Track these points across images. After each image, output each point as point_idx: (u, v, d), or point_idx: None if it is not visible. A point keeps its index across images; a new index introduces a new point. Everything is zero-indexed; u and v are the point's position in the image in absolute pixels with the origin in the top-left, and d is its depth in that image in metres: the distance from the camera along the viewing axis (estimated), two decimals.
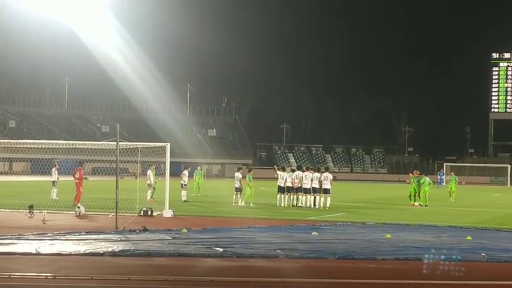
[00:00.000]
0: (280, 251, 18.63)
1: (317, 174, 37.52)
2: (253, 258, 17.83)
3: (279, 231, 23.89)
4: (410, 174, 43.18)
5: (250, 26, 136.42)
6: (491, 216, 35.24)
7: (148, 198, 38.53)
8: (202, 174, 47.47)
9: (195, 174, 46.21)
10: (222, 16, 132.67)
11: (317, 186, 36.91)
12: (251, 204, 36.95)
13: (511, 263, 17.94)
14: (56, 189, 39.62)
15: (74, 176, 34.93)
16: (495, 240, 22.30)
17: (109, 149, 30.98)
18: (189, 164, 49.26)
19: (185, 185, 41.30)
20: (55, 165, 41.23)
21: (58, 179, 40.16)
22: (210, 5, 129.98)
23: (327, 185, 36.82)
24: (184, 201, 39.69)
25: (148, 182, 40.06)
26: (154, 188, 39.69)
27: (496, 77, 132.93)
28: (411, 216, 33.12)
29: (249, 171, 40.22)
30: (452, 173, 54.46)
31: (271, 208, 36.10)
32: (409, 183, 42.33)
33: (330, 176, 37.60)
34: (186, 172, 42.44)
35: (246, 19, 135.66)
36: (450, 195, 49.98)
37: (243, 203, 37.24)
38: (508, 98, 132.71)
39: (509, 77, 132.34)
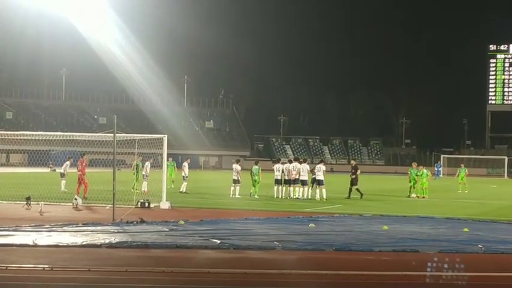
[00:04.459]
0: (277, 243, 18.64)
1: (306, 166, 37.72)
2: (250, 250, 17.84)
3: (276, 223, 23.91)
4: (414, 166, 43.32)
5: (248, 17, 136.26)
6: (489, 208, 35.26)
7: (144, 189, 38.52)
8: (174, 165, 46.85)
9: (167, 165, 45.10)
10: (219, 8, 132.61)
11: (306, 178, 37.15)
12: (256, 196, 37.27)
13: (508, 254, 17.97)
14: (64, 181, 39.70)
15: (77, 168, 34.93)
16: (492, 232, 22.32)
17: (106, 141, 31.01)
18: (188, 156, 49.26)
19: (186, 176, 41.28)
20: (69, 159, 41.18)
21: (65, 171, 40.34)
22: None
23: (320, 176, 36.96)
24: (183, 192, 39.70)
25: (143, 172, 39.98)
26: (137, 179, 39.44)
27: (493, 69, 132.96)
28: (408, 208, 33.14)
29: (256, 163, 40.27)
30: (462, 165, 54.29)
31: (269, 200, 36.12)
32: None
33: (323, 167, 37.74)
34: (186, 164, 42.42)
35: (244, 11, 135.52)
36: (460, 188, 50.03)
37: (237, 195, 37.21)
38: (505, 89, 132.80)
39: (506, 68, 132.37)
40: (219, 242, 18.62)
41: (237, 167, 38.30)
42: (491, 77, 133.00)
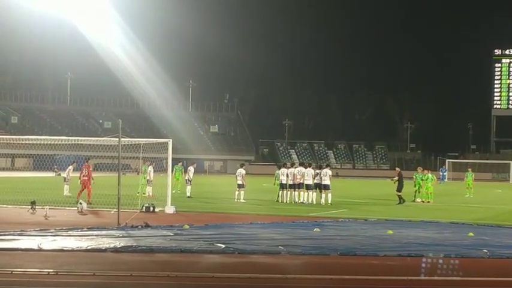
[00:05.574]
0: (282, 247, 18.62)
1: (311, 171, 37.74)
2: (255, 254, 17.83)
3: (281, 228, 23.90)
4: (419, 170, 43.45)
5: (253, 22, 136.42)
6: (494, 212, 35.21)
7: (149, 194, 38.49)
8: (182, 170, 46.82)
9: (174, 170, 45.00)
10: (224, 12, 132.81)
11: (310, 182, 37.11)
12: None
13: None
14: (67, 186, 39.76)
15: (81, 174, 34.95)
16: (497, 237, 22.27)
17: (111, 145, 31.01)
18: (193, 160, 49.25)
19: (190, 180, 41.23)
20: (73, 163, 41.26)
21: (69, 176, 40.45)
22: (213, 1, 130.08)
23: (326, 181, 36.87)
24: (188, 197, 39.68)
25: (148, 177, 39.96)
26: (143, 183, 39.43)
27: (499, 73, 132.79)
28: (413, 212, 33.10)
29: (278, 168, 40.26)
30: (469, 169, 54.39)
31: (273, 204, 36.10)
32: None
33: (329, 172, 37.65)
34: (191, 168, 42.39)
35: (248, 15, 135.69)
36: (467, 192, 50.19)
37: (242, 199, 37.32)
38: (510, 94, 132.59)
39: None
40: (223, 246, 18.60)
41: (241, 171, 38.31)
42: (496, 82, 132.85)
